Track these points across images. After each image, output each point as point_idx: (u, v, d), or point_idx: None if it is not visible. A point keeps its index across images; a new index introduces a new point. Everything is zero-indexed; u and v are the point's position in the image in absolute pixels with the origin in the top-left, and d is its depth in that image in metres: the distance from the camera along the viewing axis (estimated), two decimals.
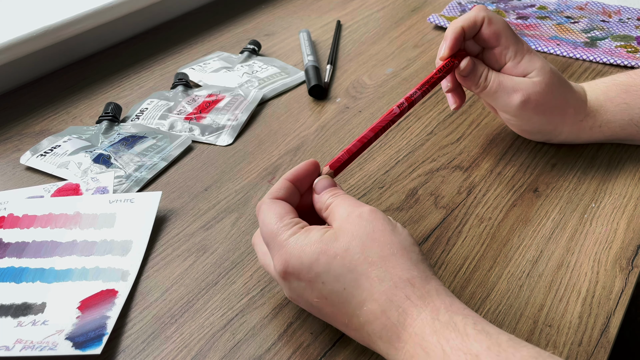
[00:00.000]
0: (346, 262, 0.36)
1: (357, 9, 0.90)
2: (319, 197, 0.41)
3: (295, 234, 0.38)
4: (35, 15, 0.72)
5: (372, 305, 0.35)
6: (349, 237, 0.36)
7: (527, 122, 0.54)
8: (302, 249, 0.37)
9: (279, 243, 0.38)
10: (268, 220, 0.39)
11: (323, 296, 0.37)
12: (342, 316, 0.37)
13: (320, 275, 0.36)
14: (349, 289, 0.36)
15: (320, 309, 0.38)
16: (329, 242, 0.36)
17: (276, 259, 0.38)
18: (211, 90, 0.69)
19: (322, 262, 0.36)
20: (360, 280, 0.35)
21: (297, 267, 0.37)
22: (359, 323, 0.36)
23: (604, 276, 0.44)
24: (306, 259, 0.36)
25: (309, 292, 0.37)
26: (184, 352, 0.40)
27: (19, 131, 0.65)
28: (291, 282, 0.38)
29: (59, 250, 0.48)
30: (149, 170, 0.57)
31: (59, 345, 0.40)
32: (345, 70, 0.74)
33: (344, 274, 0.36)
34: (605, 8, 0.84)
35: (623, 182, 0.53)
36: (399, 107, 0.48)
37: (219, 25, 0.87)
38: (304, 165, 0.42)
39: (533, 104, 0.51)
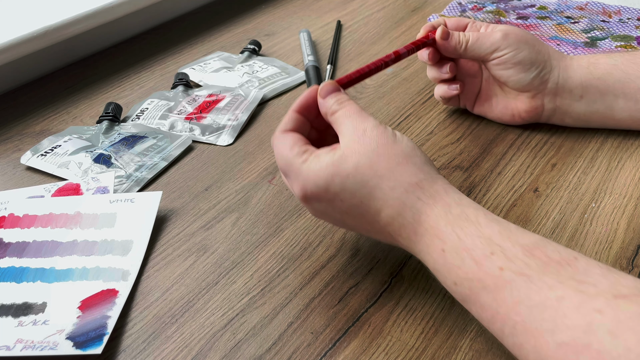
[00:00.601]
0: (358, 179, 0.39)
1: (357, 9, 0.90)
2: (324, 102, 0.44)
3: (306, 160, 0.41)
4: (35, 15, 0.72)
5: (388, 210, 0.39)
6: (357, 156, 0.39)
7: (515, 53, 0.55)
8: (316, 173, 0.40)
9: (295, 171, 0.41)
10: (280, 153, 0.43)
11: (344, 211, 0.41)
12: (364, 224, 0.41)
13: (337, 194, 0.40)
14: (365, 202, 0.39)
15: (344, 221, 0.42)
16: (340, 163, 0.40)
17: (295, 187, 0.42)
18: (211, 90, 0.69)
19: (337, 182, 0.40)
20: (373, 192, 0.39)
21: (314, 191, 0.40)
22: (380, 227, 0.40)
23: None
24: (321, 182, 0.40)
25: (330, 209, 0.41)
26: (185, 351, 0.40)
27: (20, 131, 0.65)
28: (312, 204, 0.42)
29: (60, 250, 0.48)
30: (150, 170, 0.57)
31: (59, 345, 0.40)
32: (346, 70, 0.74)
33: (358, 189, 0.39)
34: (606, 8, 0.84)
35: (623, 182, 0.53)
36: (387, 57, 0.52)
37: (219, 25, 0.87)
38: (308, 93, 0.45)
39: (513, 35, 0.55)
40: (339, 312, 0.43)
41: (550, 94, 0.57)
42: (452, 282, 0.37)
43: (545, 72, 0.56)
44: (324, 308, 0.43)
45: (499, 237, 0.35)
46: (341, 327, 0.41)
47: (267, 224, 0.51)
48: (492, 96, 0.60)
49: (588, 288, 0.31)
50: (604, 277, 0.32)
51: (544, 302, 0.32)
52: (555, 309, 0.31)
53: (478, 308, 0.36)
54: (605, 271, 0.33)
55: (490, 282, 0.34)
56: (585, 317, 0.30)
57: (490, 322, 0.35)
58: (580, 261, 0.33)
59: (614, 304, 0.30)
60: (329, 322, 0.42)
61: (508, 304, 0.33)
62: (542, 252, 0.34)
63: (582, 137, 0.59)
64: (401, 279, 0.45)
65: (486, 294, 0.34)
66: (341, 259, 0.47)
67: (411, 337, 0.41)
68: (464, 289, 0.36)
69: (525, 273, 0.33)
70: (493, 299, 0.34)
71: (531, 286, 0.33)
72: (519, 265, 0.34)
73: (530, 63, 0.55)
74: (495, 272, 0.34)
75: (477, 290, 0.35)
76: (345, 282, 0.45)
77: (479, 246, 0.35)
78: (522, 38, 0.55)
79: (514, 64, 0.55)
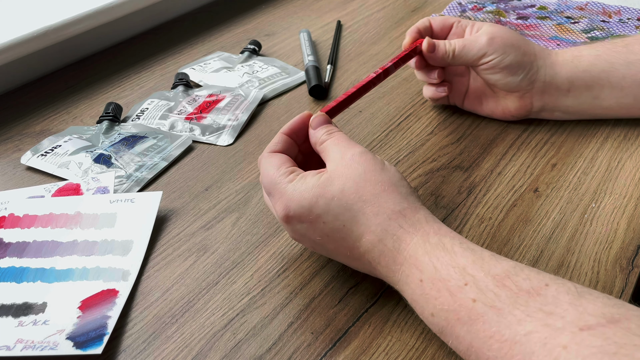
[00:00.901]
0: (343, 202, 0.39)
1: (357, 9, 0.90)
2: (314, 133, 0.45)
3: (292, 181, 0.41)
4: (35, 15, 0.72)
5: (369, 236, 0.39)
6: (344, 180, 0.40)
7: (502, 58, 0.55)
8: (301, 194, 0.40)
9: (279, 191, 0.41)
10: (266, 172, 0.43)
11: (325, 234, 0.40)
12: (344, 249, 0.41)
13: (320, 216, 0.40)
14: (348, 225, 0.39)
15: (323, 245, 0.42)
16: (326, 185, 0.40)
17: (278, 206, 0.42)
18: (212, 90, 0.69)
19: (321, 204, 0.40)
20: (357, 216, 0.39)
21: (298, 211, 0.40)
22: (360, 253, 0.40)
23: (604, 276, 0.44)
24: (306, 203, 0.40)
25: (311, 232, 0.41)
26: (185, 351, 0.40)
27: (20, 131, 0.65)
28: (294, 224, 0.41)
29: (60, 250, 0.48)
30: (150, 170, 0.57)
31: (59, 345, 0.40)
32: (346, 70, 0.74)
33: (342, 212, 0.39)
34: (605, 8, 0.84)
35: (623, 182, 0.53)
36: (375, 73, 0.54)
37: (219, 25, 0.87)
38: (299, 118, 0.46)
39: (498, 39, 0.56)
40: (339, 312, 0.43)
41: (538, 92, 0.58)
42: (429, 313, 0.37)
43: (532, 72, 0.56)
44: (324, 308, 0.43)
45: (472, 267, 0.36)
46: (341, 327, 0.41)
47: (267, 224, 0.51)
48: (481, 95, 0.61)
49: (555, 321, 0.31)
50: (572, 305, 0.32)
51: (513, 338, 0.32)
52: (523, 345, 0.32)
53: (454, 340, 0.36)
54: (575, 298, 0.32)
55: (464, 315, 0.34)
56: (552, 354, 0.30)
57: (466, 354, 0.35)
58: (550, 288, 0.33)
59: (579, 338, 0.30)
60: (329, 322, 0.42)
61: (481, 337, 0.34)
62: (512, 281, 0.34)
63: (582, 137, 0.59)
64: None
65: (460, 326, 0.35)
66: None
67: (411, 337, 0.41)
68: (440, 320, 0.36)
69: (496, 306, 0.33)
70: (467, 331, 0.34)
71: (501, 320, 0.33)
72: (490, 297, 0.34)
73: (518, 66, 0.56)
74: (469, 304, 0.34)
75: (453, 322, 0.35)
76: (345, 282, 0.45)
77: (454, 277, 0.36)
78: (508, 41, 0.56)
79: (501, 69, 0.56)
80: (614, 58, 0.56)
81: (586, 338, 0.30)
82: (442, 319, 0.36)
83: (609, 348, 0.29)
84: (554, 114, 0.59)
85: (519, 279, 0.34)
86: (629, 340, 0.29)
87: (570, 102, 0.58)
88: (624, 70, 0.55)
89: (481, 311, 0.34)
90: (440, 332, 0.37)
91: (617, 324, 0.30)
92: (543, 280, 0.34)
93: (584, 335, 0.30)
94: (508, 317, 0.33)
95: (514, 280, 0.34)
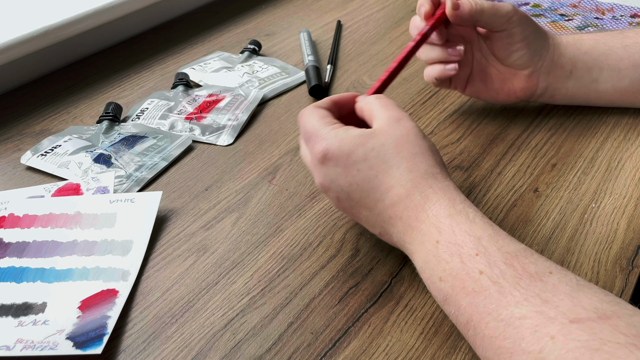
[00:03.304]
0: (381, 154, 0.41)
1: (357, 9, 0.90)
2: (363, 97, 0.47)
3: (335, 129, 0.43)
4: (35, 15, 0.72)
5: (399, 189, 0.41)
6: (385, 136, 0.42)
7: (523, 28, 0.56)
8: (343, 140, 0.42)
9: (321, 135, 0.43)
10: (310, 119, 0.45)
11: (355, 182, 0.42)
12: (369, 200, 0.42)
13: (357, 163, 0.42)
14: (380, 177, 0.41)
15: (349, 194, 0.43)
16: (368, 138, 0.42)
17: (317, 146, 0.43)
18: (212, 90, 0.69)
19: (360, 152, 0.42)
20: (391, 170, 0.41)
21: (336, 154, 0.42)
22: (384, 206, 0.41)
23: (604, 276, 0.44)
24: (346, 148, 0.42)
25: (342, 177, 0.42)
26: (185, 352, 0.40)
27: (20, 131, 0.65)
28: (328, 167, 0.43)
29: (60, 250, 0.48)
30: (150, 170, 0.57)
31: (59, 345, 0.40)
32: (346, 70, 0.74)
33: (378, 164, 0.41)
34: (599, 5, 0.84)
35: (623, 182, 0.53)
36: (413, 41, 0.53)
37: (219, 25, 0.87)
38: (348, 94, 0.49)
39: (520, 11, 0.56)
40: (339, 312, 0.43)
41: (544, 72, 0.58)
42: (438, 277, 0.38)
43: (544, 49, 0.57)
44: (324, 308, 0.43)
45: (487, 239, 0.37)
46: (341, 327, 0.41)
47: (267, 224, 0.51)
48: (486, 77, 0.60)
49: (549, 309, 0.32)
50: (569, 296, 0.33)
51: (508, 320, 0.33)
52: (516, 328, 0.33)
53: (456, 310, 0.36)
54: (574, 289, 0.33)
55: (469, 285, 0.36)
56: (539, 342, 0.31)
57: (465, 327, 0.36)
58: (553, 277, 0.34)
59: (567, 330, 0.31)
60: (329, 322, 0.42)
61: (480, 312, 0.35)
62: (519, 262, 0.35)
63: (582, 137, 0.59)
64: (401, 279, 0.45)
65: (464, 296, 0.36)
66: (341, 259, 0.47)
67: (411, 337, 0.41)
68: (447, 286, 0.37)
69: (499, 282, 0.35)
70: (469, 303, 0.35)
71: (501, 299, 0.34)
72: (495, 273, 0.35)
73: (534, 39, 0.57)
74: (475, 275, 0.36)
75: (458, 290, 0.36)
76: (345, 282, 0.45)
77: (468, 244, 0.37)
78: (527, 16, 0.57)
79: (521, 39, 0.56)
80: (613, 42, 0.58)
81: (574, 331, 0.31)
82: (448, 285, 0.37)
83: (593, 344, 0.30)
84: (554, 97, 0.60)
85: (526, 261, 0.35)
86: (614, 338, 0.30)
87: (571, 85, 0.59)
88: (622, 52, 0.57)
89: (485, 285, 0.35)
90: (445, 299, 0.37)
91: (606, 321, 0.31)
92: (548, 267, 0.35)
93: (572, 328, 0.31)
94: (508, 296, 0.34)
95: (521, 262, 0.35)
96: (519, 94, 0.59)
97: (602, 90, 0.59)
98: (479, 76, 0.60)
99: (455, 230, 0.38)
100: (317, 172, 0.44)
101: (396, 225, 0.41)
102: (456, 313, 0.37)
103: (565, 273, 0.35)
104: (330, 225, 0.50)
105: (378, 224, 0.43)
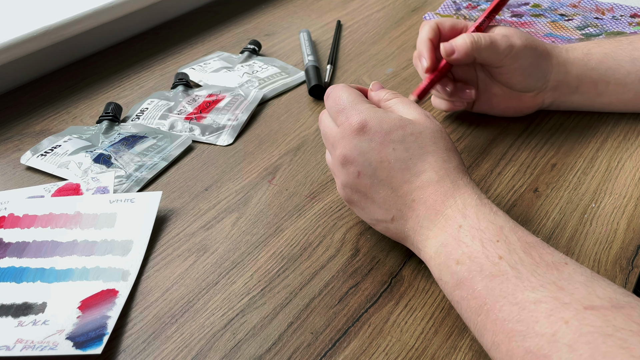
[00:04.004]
0: (419, 140, 0.43)
1: (357, 9, 0.90)
2: (377, 93, 0.48)
3: (373, 107, 0.45)
4: (35, 15, 0.72)
5: (431, 174, 0.42)
6: (424, 127, 0.44)
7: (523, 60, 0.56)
8: (383, 118, 0.43)
9: (360, 109, 0.44)
10: (347, 94, 0.46)
11: (388, 159, 0.43)
12: (396, 180, 0.42)
13: (394, 142, 0.43)
14: (415, 160, 0.42)
15: (375, 170, 0.43)
16: (408, 123, 0.43)
17: (355, 117, 0.44)
18: (211, 90, 0.69)
19: (399, 133, 0.43)
20: (426, 156, 0.43)
21: (375, 128, 0.43)
22: (410, 188, 0.42)
23: (604, 276, 0.44)
24: (386, 125, 0.43)
25: (375, 152, 0.43)
26: (185, 352, 0.40)
27: (20, 131, 0.65)
28: (362, 139, 0.43)
29: (60, 250, 0.48)
30: (150, 170, 0.57)
31: (59, 345, 0.40)
32: (346, 70, 0.74)
33: (415, 148, 0.43)
34: (599, 5, 0.84)
35: (623, 182, 0.53)
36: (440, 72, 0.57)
37: (219, 25, 0.87)
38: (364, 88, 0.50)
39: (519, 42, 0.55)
40: (339, 312, 0.43)
41: (550, 90, 0.59)
42: (455, 260, 0.38)
43: (547, 72, 0.57)
44: (324, 308, 0.43)
45: (508, 229, 0.38)
46: (341, 327, 0.41)
47: (267, 224, 0.51)
48: (492, 97, 0.60)
49: (564, 296, 0.33)
50: (584, 285, 0.34)
51: (523, 303, 0.34)
52: (531, 312, 0.33)
53: (469, 294, 0.37)
54: (589, 279, 0.34)
55: (487, 268, 0.36)
56: (553, 326, 0.32)
57: (476, 312, 0.36)
58: (568, 267, 0.35)
59: (581, 316, 0.32)
60: (329, 322, 0.42)
61: (496, 295, 0.35)
62: (537, 252, 0.36)
63: (582, 137, 0.59)
64: (401, 279, 0.45)
65: (480, 279, 0.36)
66: (341, 259, 0.47)
67: (411, 337, 0.41)
68: (462, 270, 0.37)
69: (517, 268, 0.36)
70: (485, 286, 0.36)
71: (518, 283, 0.35)
72: (514, 259, 0.36)
73: (536, 68, 0.57)
74: (495, 259, 0.36)
75: (474, 274, 0.37)
76: (345, 282, 0.45)
77: (490, 231, 0.38)
78: (527, 43, 0.56)
79: (520, 72, 0.56)
80: (620, 55, 0.57)
81: (588, 317, 0.31)
82: (465, 269, 0.37)
83: (606, 330, 0.30)
84: (560, 107, 0.62)
85: (544, 252, 0.37)
86: (627, 326, 0.30)
87: (576, 98, 0.60)
88: (629, 66, 0.57)
89: (504, 269, 0.36)
90: (457, 283, 0.38)
91: (620, 310, 0.31)
92: (564, 259, 0.36)
93: (587, 314, 0.31)
94: (525, 282, 0.35)
95: (539, 252, 0.36)
96: (525, 111, 0.61)
97: (606, 102, 0.60)
98: (485, 96, 0.60)
99: (480, 218, 0.39)
100: (345, 142, 0.44)
101: (417, 208, 0.42)
102: (468, 297, 0.37)
103: (580, 265, 0.36)
104: (330, 225, 0.50)
105: (396, 206, 0.43)
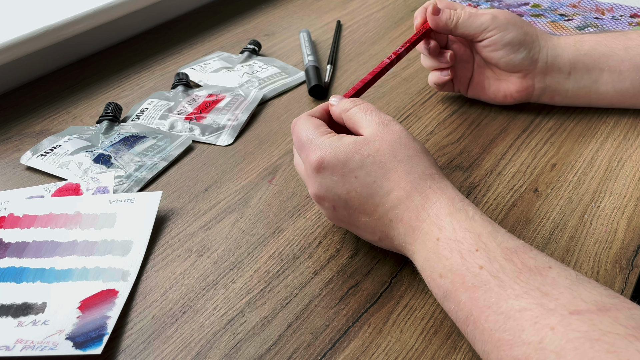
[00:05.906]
0: (377, 159, 0.42)
1: (357, 9, 0.90)
2: (338, 104, 0.47)
3: (329, 138, 0.44)
4: (35, 15, 0.72)
5: (398, 192, 0.41)
6: (379, 142, 0.42)
7: (504, 34, 0.57)
8: (338, 148, 0.42)
9: (316, 144, 0.43)
10: (304, 128, 0.45)
11: (353, 189, 0.42)
12: (368, 207, 0.42)
13: (353, 171, 0.42)
14: (379, 181, 0.42)
15: (346, 202, 0.43)
16: (362, 145, 0.42)
17: (312, 155, 0.43)
18: (211, 90, 0.69)
19: (356, 159, 0.42)
20: (389, 174, 0.41)
21: (332, 162, 0.42)
22: (384, 210, 0.42)
23: (604, 276, 0.44)
24: (342, 156, 0.42)
25: (340, 185, 0.43)
26: (185, 352, 0.40)
27: (19, 131, 0.65)
28: (324, 176, 0.43)
29: (60, 250, 0.48)
30: (149, 170, 0.57)
31: (59, 345, 0.40)
32: (346, 70, 0.74)
33: (375, 169, 0.42)
34: (598, 5, 0.84)
35: (623, 182, 0.53)
36: (388, 59, 0.56)
37: (219, 25, 0.87)
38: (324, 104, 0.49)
39: (501, 16, 0.57)
40: (339, 312, 0.43)
41: (540, 73, 0.59)
42: (438, 274, 0.38)
43: (534, 52, 0.58)
44: (324, 308, 0.43)
45: (487, 236, 0.37)
46: (341, 327, 0.41)
47: (267, 224, 0.51)
48: (484, 79, 0.62)
49: (549, 302, 0.33)
50: (568, 289, 0.33)
51: (508, 312, 0.33)
52: (516, 320, 0.33)
53: (456, 306, 0.37)
54: (574, 282, 0.34)
55: (469, 279, 0.36)
56: (539, 333, 0.32)
57: (464, 323, 0.36)
58: (552, 271, 0.35)
59: (567, 321, 0.31)
60: (329, 322, 0.42)
61: (480, 306, 0.35)
62: (519, 258, 0.36)
63: (582, 137, 0.59)
64: (401, 279, 0.45)
65: (464, 290, 0.36)
66: (341, 259, 0.47)
67: (411, 337, 0.41)
68: (447, 283, 0.37)
69: (499, 277, 0.35)
70: (469, 297, 0.36)
71: (501, 292, 0.34)
72: (495, 268, 0.35)
73: (519, 44, 0.57)
74: (475, 270, 0.36)
75: (458, 286, 0.37)
76: (345, 282, 0.45)
77: (468, 240, 0.37)
78: (510, 20, 0.57)
79: (503, 45, 0.57)
80: (614, 44, 0.58)
81: (573, 322, 0.31)
82: (448, 282, 0.37)
83: (593, 334, 0.30)
84: (554, 98, 0.61)
85: (526, 256, 0.36)
86: (614, 329, 0.30)
87: (570, 86, 0.59)
88: (623, 54, 0.57)
89: (485, 279, 0.35)
90: (445, 296, 0.38)
91: (606, 313, 0.31)
92: (548, 262, 0.36)
93: (572, 319, 0.31)
94: (508, 290, 0.34)
95: (521, 257, 0.36)
96: (515, 95, 0.61)
97: (602, 91, 0.59)
98: (478, 78, 0.62)
99: (456, 228, 0.38)
100: (311, 181, 0.44)
101: (397, 227, 0.41)
102: (456, 309, 0.37)
103: (564, 268, 0.35)
104: (330, 225, 0.50)
105: (378, 228, 0.43)
